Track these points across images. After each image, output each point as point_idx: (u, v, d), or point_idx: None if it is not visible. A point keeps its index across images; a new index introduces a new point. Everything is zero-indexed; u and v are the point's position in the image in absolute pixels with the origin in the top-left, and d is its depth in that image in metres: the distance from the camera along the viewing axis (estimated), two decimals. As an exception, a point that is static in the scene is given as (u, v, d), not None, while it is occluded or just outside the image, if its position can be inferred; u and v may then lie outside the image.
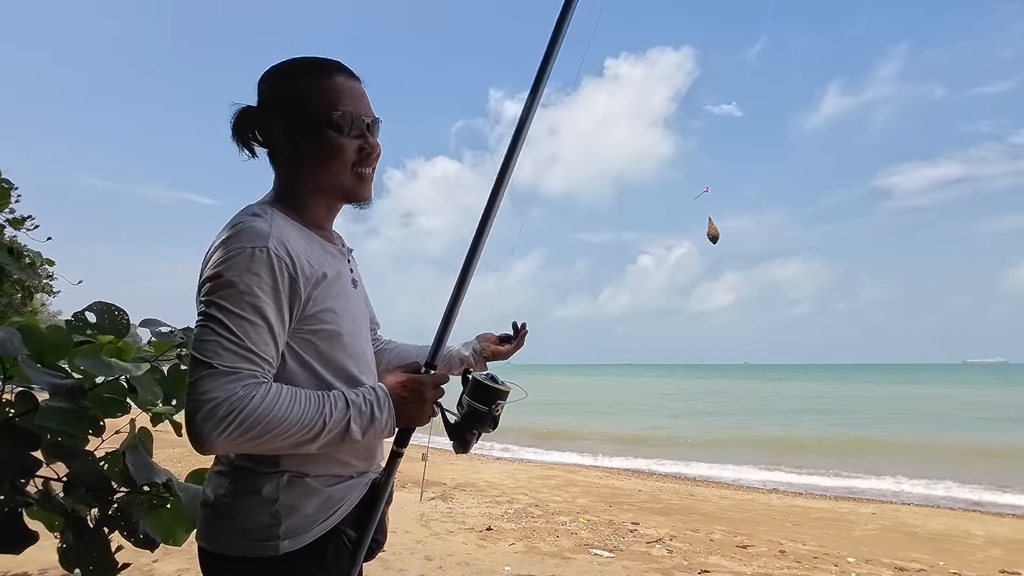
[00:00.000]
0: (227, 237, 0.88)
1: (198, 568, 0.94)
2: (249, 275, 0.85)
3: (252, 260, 0.86)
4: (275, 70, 1.02)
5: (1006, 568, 4.97)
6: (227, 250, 0.86)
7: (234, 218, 0.93)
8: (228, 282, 0.84)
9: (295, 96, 0.99)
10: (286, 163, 1.02)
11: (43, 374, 0.75)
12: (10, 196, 1.94)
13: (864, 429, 17.45)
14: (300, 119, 0.98)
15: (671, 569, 4.23)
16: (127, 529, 0.78)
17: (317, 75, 1.00)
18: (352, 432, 0.90)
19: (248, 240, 0.87)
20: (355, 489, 1.01)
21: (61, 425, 0.72)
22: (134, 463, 0.76)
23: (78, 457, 0.76)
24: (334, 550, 0.96)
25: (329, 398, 0.90)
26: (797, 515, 6.96)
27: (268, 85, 1.01)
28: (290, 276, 0.89)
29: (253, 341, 0.84)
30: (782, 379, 64.18)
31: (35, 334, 0.80)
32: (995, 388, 42.14)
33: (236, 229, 0.89)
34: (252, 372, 0.84)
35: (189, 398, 0.81)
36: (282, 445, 0.86)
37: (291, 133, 0.99)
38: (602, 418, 21.63)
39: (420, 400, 0.99)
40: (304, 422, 0.86)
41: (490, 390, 1.05)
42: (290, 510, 0.92)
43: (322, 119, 0.98)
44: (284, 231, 0.92)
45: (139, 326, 0.91)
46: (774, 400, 31.03)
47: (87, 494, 0.76)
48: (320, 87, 0.99)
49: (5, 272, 1.51)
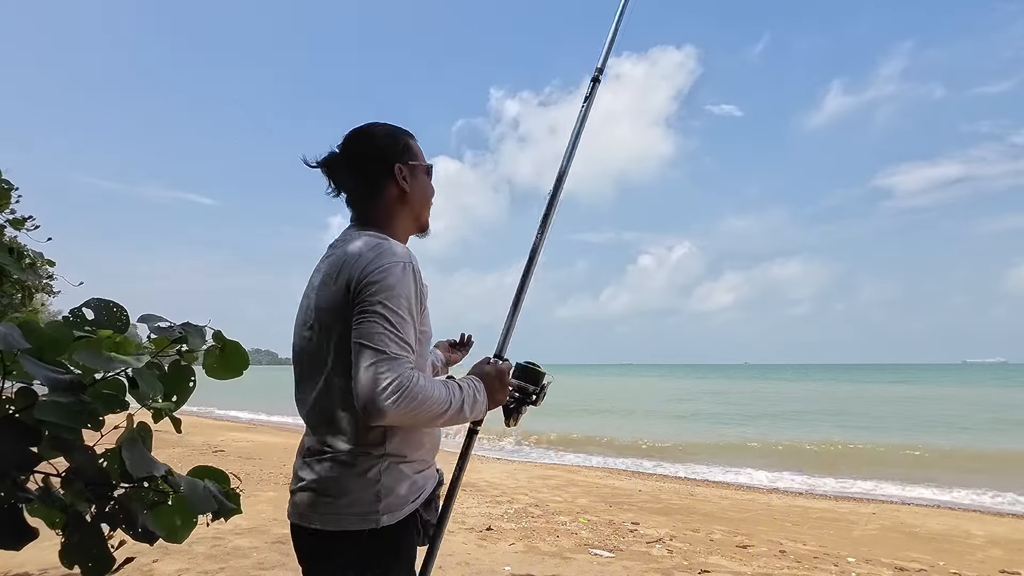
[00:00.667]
0: (378, 254, 1.13)
1: (198, 568, 0.95)
2: (403, 284, 1.11)
3: (404, 273, 1.12)
4: (391, 129, 1.34)
5: (1006, 568, 4.96)
6: (385, 263, 1.12)
7: (366, 239, 1.19)
8: (390, 287, 1.09)
9: (407, 149, 1.33)
10: (393, 201, 1.31)
11: (43, 369, 0.75)
12: (10, 196, 1.94)
13: (864, 429, 17.45)
14: (411, 166, 1.32)
15: (671, 569, 4.23)
16: (126, 521, 0.78)
17: (412, 137, 1.37)
18: (464, 411, 1.17)
19: (399, 257, 1.14)
20: (431, 479, 1.28)
21: (60, 418, 0.72)
22: (130, 457, 0.76)
23: (78, 451, 0.76)
24: (414, 529, 1.20)
25: (450, 384, 1.17)
26: (797, 515, 6.95)
27: (387, 140, 1.32)
28: (421, 289, 1.17)
29: (408, 335, 1.10)
30: (782, 379, 64.17)
31: (35, 330, 0.80)
32: (995, 388, 42.12)
33: (382, 248, 1.15)
34: (408, 360, 1.08)
35: (364, 377, 1.03)
36: (426, 418, 1.09)
37: (403, 178, 1.31)
38: (602, 419, 21.62)
39: (503, 385, 1.29)
40: (441, 401, 1.10)
41: (536, 373, 1.40)
42: (388, 491, 1.14)
43: (423, 168, 1.35)
44: None
45: (137, 322, 0.91)
46: (774, 401, 31.02)
47: (86, 488, 0.76)
48: (417, 145, 1.37)
49: (5, 273, 1.52)
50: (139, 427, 0.84)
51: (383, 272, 1.10)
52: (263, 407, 24.00)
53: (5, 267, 1.47)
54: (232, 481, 0.98)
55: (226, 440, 12.39)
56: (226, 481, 0.94)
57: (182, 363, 0.93)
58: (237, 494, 0.95)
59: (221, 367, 0.99)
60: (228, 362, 0.98)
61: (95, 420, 0.74)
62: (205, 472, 0.97)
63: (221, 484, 0.93)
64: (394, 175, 1.30)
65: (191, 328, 0.92)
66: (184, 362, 0.94)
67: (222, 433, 14.04)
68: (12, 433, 0.70)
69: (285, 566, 3.83)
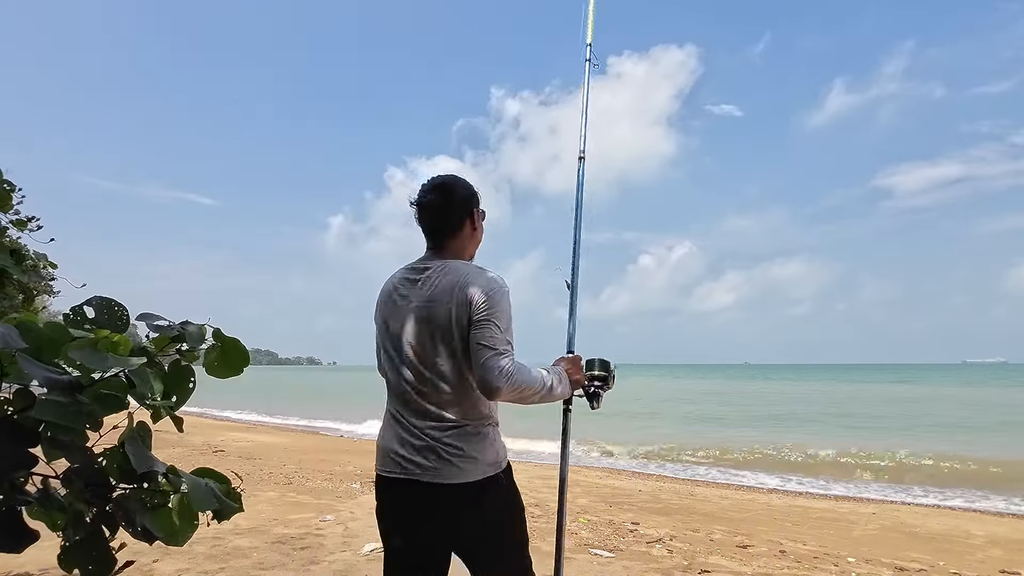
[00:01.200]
0: (486, 279, 1.57)
1: (198, 568, 0.95)
2: (507, 303, 1.58)
3: (505, 293, 1.59)
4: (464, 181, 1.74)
5: (1006, 568, 4.96)
6: (492, 286, 1.56)
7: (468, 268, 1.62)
8: (498, 303, 1.55)
9: (476, 195, 1.74)
10: (468, 236, 1.74)
11: (40, 369, 0.74)
12: (11, 198, 1.93)
13: (865, 429, 17.45)
14: (482, 211, 1.77)
15: (671, 569, 4.23)
16: (125, 519, 0.77)
17: None
18: (555, 390, 1.66)
19: (503, 283, 1.60)
20: None
21: (59, 418, 0.71)
22: (134, 453, 0.76)
23: (76, 451, 0.75)
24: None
25: (540, 369, 1.64)
26: (797, 515, 6.95)
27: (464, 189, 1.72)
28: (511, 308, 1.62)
29: (512, 337, 1.56)
30: (783, 379, 64.14)
31: (32, 330, 0.79)
32: (995, 388, 42.13)
33: (487, 275, 1.60)
34: (512, 354, 1.53)
35: (485, 366, 1.47)
36: (527, 395, 1.55)
37: (477, 219, 1.75)
38: (602, 419, 21.58)
39: (577, 368, 1.83)
40: (537, 382, 1.58)
41: (605, 362, 1.93)
42: (500, 445, 1.67)
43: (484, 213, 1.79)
44: None
45: (136, 320, 0.90)
46: (774, 401, 31.00)
47: (86, 489, 0.75)
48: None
49: (7, 275, 1.51)
50: (138, 427, 0.83)
51: (493, 294, 1.55)
52: (263, 407, 23.99)
53: (6, 269, 1.46)
54: (233, 480, 0.97)
55: (226, 440, 12.38)
56: (227, 483, 0.94)
57: (182, 362, 0.92)
58: (239, 493, 0.94)
59: (221, 365, 0.97)
60: (228, 360, 0.96)
61: (94, 421, 0.73)
62: (205, 474, 0.94)
63: (222, 485, 0.92)
64: (472, 215, 1.73)
65: (190, 326, 0.91)
66: (184, 361, 0.93)
67: (222, 433, 14.03)
68: (10, 435, 0.70)
69: (285, 566, 3.82)
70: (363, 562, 3.98)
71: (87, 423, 0.72)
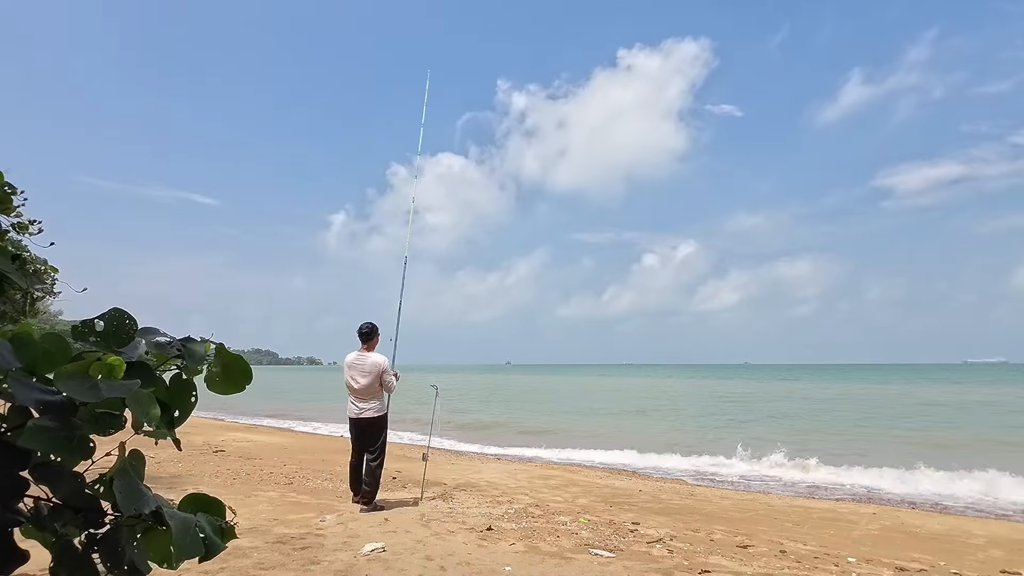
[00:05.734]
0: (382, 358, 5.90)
1: (198, 568, 0.93)
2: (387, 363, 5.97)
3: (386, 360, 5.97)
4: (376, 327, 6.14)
5: (1007, 568, 4.96)
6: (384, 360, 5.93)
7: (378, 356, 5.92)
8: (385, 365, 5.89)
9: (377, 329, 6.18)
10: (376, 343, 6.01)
11: (32, 390, 0.71)
12: (11, 200, 1.92)
13: (865, 429, 17.44)
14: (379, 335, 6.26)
15: (671, 569, 4.23)
16: (111, 559, 0.73)
17: None
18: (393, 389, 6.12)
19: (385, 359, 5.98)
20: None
21: (47, 448, 0.69)
22: (122, 490, 0.73)
23: (65, 479, 0.72)
24: None
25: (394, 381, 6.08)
26: (798, 515, 6.95)
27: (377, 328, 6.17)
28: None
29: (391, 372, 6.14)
30: (784, 380, 64.15)
31: (28, 344, 0.77)
32: (996, 388, 42.12)
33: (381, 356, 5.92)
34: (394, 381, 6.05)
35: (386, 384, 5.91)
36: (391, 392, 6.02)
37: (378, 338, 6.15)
38: (602, 419, 21.60)
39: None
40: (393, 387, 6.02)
41: None
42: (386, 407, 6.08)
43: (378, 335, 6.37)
44: None
45: (137, 336, 0.87)
46: (774, 402, 30.99)
47: (76, 516, 0.72)
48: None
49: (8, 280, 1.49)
50: (131, 455, 0.80)
51: (384, 362, 5.83)
52: (264, 408, 23.98)
53: (7, 275, 1.44)
54: (227, 515, 0.91)
55: (226, 440, 12.38)
56: (222, 513, 0.90)
57: (183, 377, 0.90)
58: (231, 527, 0.89)
59: (223, 381, 0.95)
60: (231, 376, 0.93)
61: (85, 447, 0.70)
62: (201, 502, 0.92)
63: (216, 516, 0.88)
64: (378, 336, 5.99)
65: (192, 344, 0.89)
66: (186, 376, 0.90)
67: (222, 433, 14.03)
68: (1, 455, 0.67)
69: (285, 566, 3.82)
70: (363, 562, 3.98)
71: (79, 450, 0.69)
